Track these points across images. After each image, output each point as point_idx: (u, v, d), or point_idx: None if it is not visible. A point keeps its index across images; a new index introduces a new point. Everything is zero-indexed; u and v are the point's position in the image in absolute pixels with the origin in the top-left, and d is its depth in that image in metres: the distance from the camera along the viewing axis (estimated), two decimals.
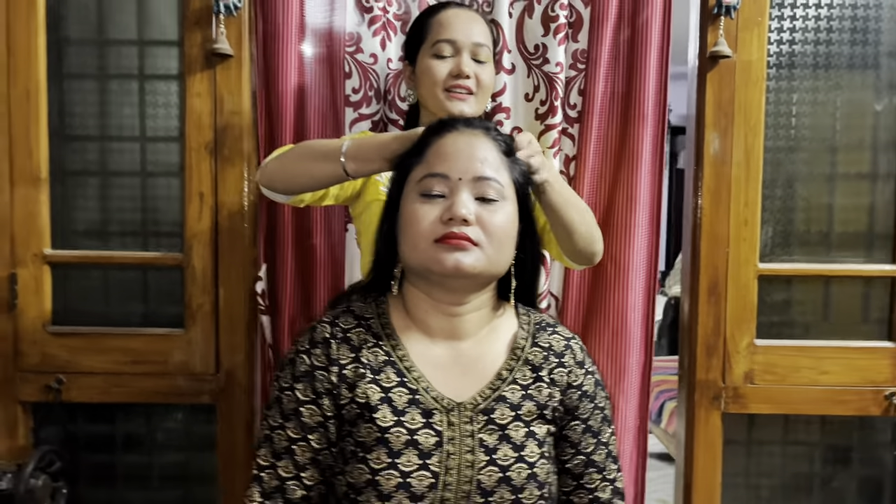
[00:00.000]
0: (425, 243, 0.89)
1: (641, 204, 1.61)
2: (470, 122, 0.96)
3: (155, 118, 1.64)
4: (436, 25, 1.35)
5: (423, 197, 0.91)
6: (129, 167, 1.65)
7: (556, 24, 1.57)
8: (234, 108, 1.61)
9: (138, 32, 1.63)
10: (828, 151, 1.66)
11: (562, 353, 0.97)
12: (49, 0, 1.60)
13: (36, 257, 1.62)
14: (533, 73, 1.61)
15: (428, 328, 0.95)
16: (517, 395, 0.93)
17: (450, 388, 0.93)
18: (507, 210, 0.92)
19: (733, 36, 1.60)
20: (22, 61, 1.59)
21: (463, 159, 0.91)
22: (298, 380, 0.92)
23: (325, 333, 0.94)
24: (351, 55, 1.60)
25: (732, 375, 1.65)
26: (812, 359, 1.66)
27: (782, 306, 1.69)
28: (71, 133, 1.64)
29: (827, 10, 1.63)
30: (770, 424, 1.73)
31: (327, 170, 1.12)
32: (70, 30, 1.62)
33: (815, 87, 1.65)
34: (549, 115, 1.59)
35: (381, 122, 1.64)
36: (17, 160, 1.61)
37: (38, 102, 1.60)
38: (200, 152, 1.61)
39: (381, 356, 0.93)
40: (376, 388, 0.91)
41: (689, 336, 1.69)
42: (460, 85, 1.32)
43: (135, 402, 1.66)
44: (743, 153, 1.63)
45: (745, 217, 1.64)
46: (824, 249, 1.69)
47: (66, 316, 1.65)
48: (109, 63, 1.63)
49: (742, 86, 1.62)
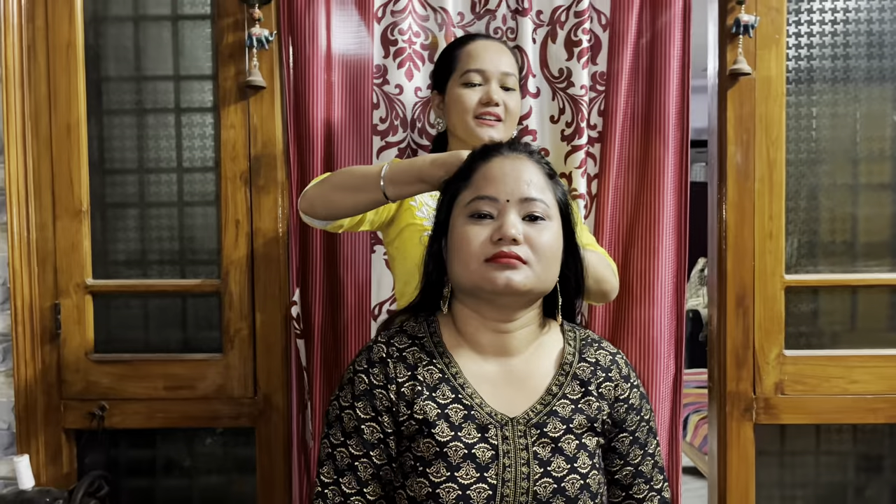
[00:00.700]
0: (476, 263, 0.93)
1: (666, 220, 1.63)
2: (514, 146, 1.00)
3: (191, 149, 1.69)
4: (465, 56, 1.40)
5: (472, 218, 0.95)
6: (167, 197, 1.70)
7: (580, 49, 1.62)
8: (267, 137, 1.66)
9: (174, 68, 1.68)
10: (850, 163, 1.70)
11: (608, 368, 1.00)
12: (88, 40, 1.66)
13: (78, 287, 1.67)
14: (558, 96, 1.66)
15: (479, 345, 0.98)
16: (567, 409, 0.96)
17: (502, 403, 0.96)
18: (552, 229, 0.95)
19: (752, 53, 1.65)
20: (63, 99, 1.65)
21: (510, 182, 0.95)
22: (358, 398, 0.95)
23: (382, 353, 0.97)
24: (378, 86, 1.65)
25: (763, 386, 1.67)
26: (841, 368, 1.68)
27: (810, 317, 1.72)
28: (110, 166, 1.69)
29: (843, 26, 1.67)
30: (801, 435, 1.74)
31: (368, 194, 1.17)
32: (109, 68, 1.68)
33: (835, 100, 1.68)
34: (576, 136, 1.63)
35: (407, 148, 1.68)
36: (59, 194, 1.66)
37: (79, 138, 1.66)
38: (236, 181, 1.66)
39: (435, 374, 0.96)
40: (433, 404, 0.94)
41: (718, 348, 1.71)
42: (490, 112, 1.37)
43: (175, 427, 1.70)
44: (766, 167, 1.66)
45: (769, 230, 1.67)
46: (849, 259, 1.71)
47: (108, 344, 1.69)
48: (146, 98, 1.69)
49: (762, 101, 1.66)
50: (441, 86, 1.44)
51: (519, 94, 1.43)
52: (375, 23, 1.65)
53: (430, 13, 1.67)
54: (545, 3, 1.66)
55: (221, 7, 1.65)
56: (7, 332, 1.65)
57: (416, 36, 1.66)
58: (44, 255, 1.66)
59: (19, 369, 1.64)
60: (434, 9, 1.66)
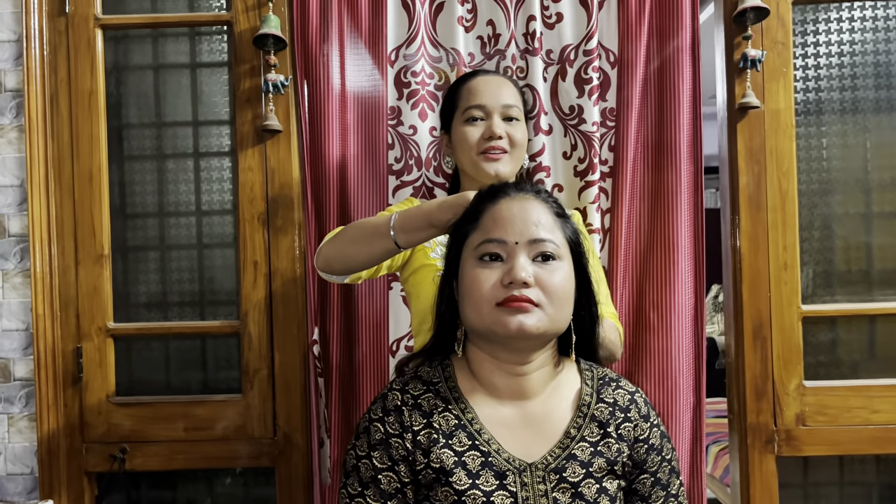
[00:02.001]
0: (488, 307, 0.93)
1: (681, 250, 1.63)
2: (520, 187, 1.00)
3: (210, 192, 1.72)
4: (465, 93, 1.42)
5: (482, 261, 0.95)
6: (186, 240, 1.73)
7: (590, 86, 1.64)
8: (284, 179, 1.69)
9: (192, 114, 1.72)
10: (862, 192, 1.70)
11: (627, 408, 1.00)
12: (109, 88, 1.71)
13: (100, 330, 1.69)
14: (570, 133, 1.68)
15: (494, 389, 0.99)
16: (587, 452, 0.96)
17: (520, 448, 0.95)
18: (563, 269, 0.95)
19: (760, 86, 1.66)
20: (85, 146, 1.69)
21: (518, 223, 0.95)
22: (374, 448, 0.96)
23: (397, 401, 0.97)
24: (392, 127, 1.68)
25: (784, 418, 1.66)
26: (863, 398, 1.66)
27: (828, 346, 1.71)
28: (131, 211, 1.73)
29: (850, 58, 1.68)
30: (824, 466, 1.72)
31: (380, 246, 1.17)
32: (129, 115, 1.73)
33: (844, 131, 1.69)
34: (589, 172, 1.65)
35: (422, 187, 1.70)
36: (81, 239, 1.69)
37: (101, 183, 1.70)
38: (254, 223, 1.69)
39: (451, 420, 0.96)
40: (450, 452, 0.94)
41: (736, 380, 1.70)
42: (493, 146, 1.38)
43: (196, 468, 1.71)
44: (778, 198, 1.67)
45: (784, 260, 1.67)
46: (865, 288, 1.71)
47: (129, 386, 1.71)
48: (166, 143, 1.73)
49: (772, 133, 1.67)
50: (447, 125, 1.47)
51: (524, 124, 1.43)
52: (389, 66, 1.68)
53: (442, 54, 1.70)
54: (554, 43, 1.68)
55: (238, 54, 1.69)
56: (30, 376, 1.68)
57: (430, 77, 1.70)
58: (66, 299, 1.69)
59: (42, 414, 1.66)
60: (446, 49, 1.70)
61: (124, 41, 1.73)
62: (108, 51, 1.71)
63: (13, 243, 1.68)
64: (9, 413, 1.68)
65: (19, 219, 1.68)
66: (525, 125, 1.45)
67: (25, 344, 1.68)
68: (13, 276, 1.68)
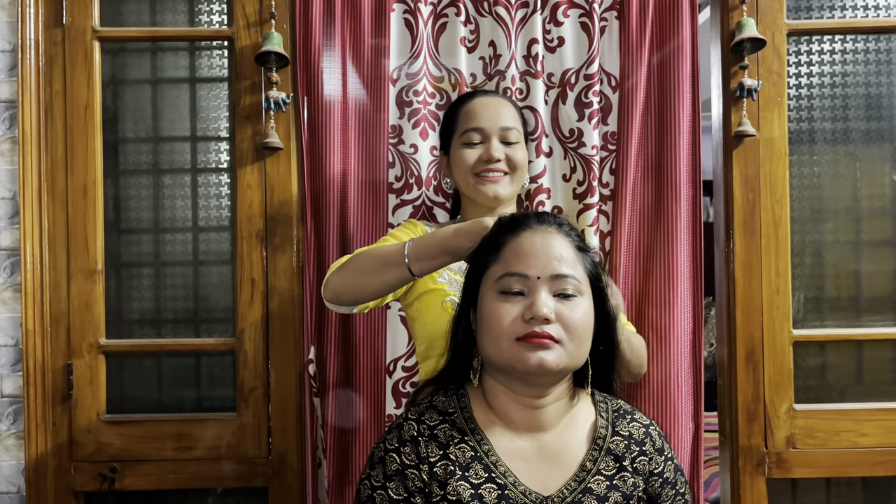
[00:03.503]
0: (507, 342, 0.93)
1: (680, 273, 1.65)
2: (542, 218, 1.00)
3: (207, 209, 1.71)
4: (464, 115, 1.42)
5: (502, 295, 0.95)
6: (182, 257, 1.71)
7: (590, 110, 1.66)
8: (283, 197, 1.68)
9: (191, 129, 1.71)
10: (852, 220, 1.74)
11: (642, 441, 1.01)
12: (106, 102, 1.68)
13: (91, 347, 1.66)
14: (569, 156, 1.69)
15: (510, 421, 0.99)
16: (602, 486, 0.97)
17: (536, 481, 0.96)
18: (584, 305, 0.96)
19: (755, 115, 1.70)
20: (79, 160, 1.66)
21: (541, 258, 0.95)
22: (390, 478, 0.95)
23: (413, 431, 0.97)
24: (393, 146, 1.68)
25: (774, 440, 1.69)
26: (851, 421, 1.70)
27: (818, 371, 1.74)
28: (126, 226, 1.70)
29: (842, 89, 1.73)
30: (813, 488, 1.76)
31: (394, 275, 1.16)
32: (126, 129, 1.70)
33: (835, 160, 1.74)
34: (588, 195, 1.66)
35: (422, 206, 1.70)
36: (74, 254, 1.66)
37: (95, 198, 1.67)
38: (252, 240, 1.67)
39: (468, 452, 0.96)
40: (466, 484, 0.94)
41: (729, 403, 1.73)
42: (491, 169, 1.38)
43: (188, 488, 1.68)
44: (771, 224, 1.70)
45: (776, 285, 1.70)
46: (854, 314, 1.75)
47: (121, 404, 1.68)
48: (163, 158, 1.71)
49: (766, 161, 1.70)
50: (446, 146, 1.47)
51: (523, 146, 1.43)
52: (391, 85, 1.68)
53: (444, 74, 1.71)
54: (556, 66, 1.70)
55: (239, 70, 1.68)
56: (18, 393, 1.64)
57: (431, 97, 1.70)
58: (57, 315, 1.66)
59: (30, 432, 1.62)
60: (448, 69, 1.70)
61: (122, 54, 1.71)
62: (106, 63, 1.68)
63: (3, 257, 1.64)
64: None
65: (10, 232, 1.64)
66: (525, 146, 1.45)
67: (14, 360, 1.64)
68: (3, 291, 1.64)
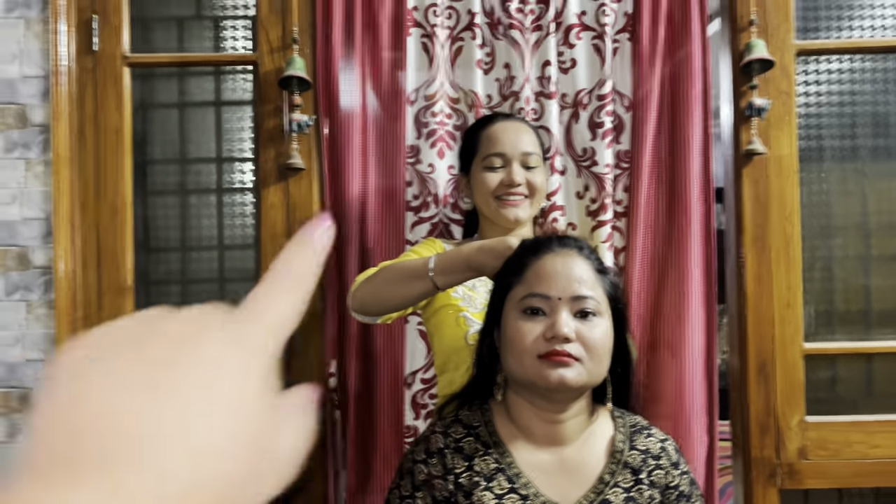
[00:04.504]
0: (530, 359, 0.98)
1: (694, 289, 1.69)
2: (563, 242, 1.06)
3: (232, 227, 1.76)
4: (485, 140, 1.46)
5: (525, 314, 1.01)
6: (208, 274, 1.76)
7: (603, 130, 1.71)
8: (305, 216, 1.73)
9: (216, 150, 1.77)
10: (861, 236, 1.78)
11: (658, 455, 1.06)
12: (135, 125, 1.75)
13: None
14: (583, 174, 1.74)
15: (532, 435, 1.04)
16: (620, 497, 1.01)
17: (556, 492, 1.01)
18: (603, 325, 1.01)
19: (766, 133, 1.74)
20: (111, 181, 1.73)
21: (562, 280, 1.01)
22: (419, 488, 1.00)
23: (440, 444, 1.02)
24: (411, 165, 1.74)
25: (787, 452, 1.72)
26: (862, 433, 1.73)
27: (828, 383, 1.78)
28: (154, 245, 1.76)
29: (851, 108, 1.77)
30: (825, 499, 1.79)
31: (418, 287, 1.21)
32: (154, 151, 1.76)
33: (844, 177, 1.78)
34: (601, 212, 1.71)
35: (439, 223, 1.75)
36: (105, 271, 1.72)
37: (125, 218, 1.73)
38: (276, 258, 1.72)
39: (491, 464, 1.01)
40: (490, 494, 0.99)
41: (741, 415, 1.76)
42: (512, 192, 1.43)
43: None
44: (782, 240, 1.74)
45: (787, 299, 1.74)
46: (864, 328, 1.78)
47: None
48: (189, 179, 1.77)
49: (776, 178, 1.75)
50: (466, 167, 1.51)
51: (543, 170, 1.48)
52: (408, 106, 1.74)
53: (460, 95, 1.76)
54: (569, 87, 1.75)
55: (263, 94, 1.74)
56: None
57: (448, 118, 1.75)
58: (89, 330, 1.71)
59: None
60: (465, 91, 1.76)
61: (150, 79, 1.77)
62: (135, 88, 1.75)
63: (38, 275, 1.70)
64: None
65: (44, 251, 1.70)
66: (544, 169, 1.50)
67: None
68: (37, 308, 1.70)
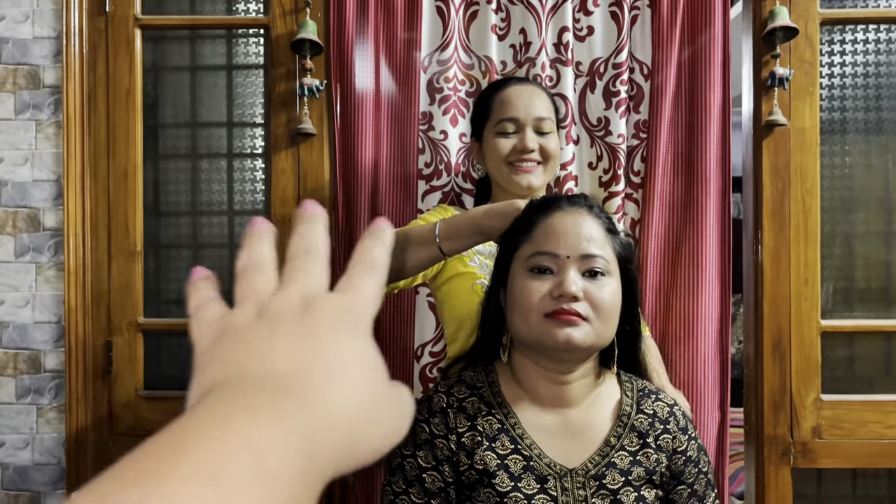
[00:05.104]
0: (536, 318, 0.96)
1: (709, 263, 1.66)
2: (574, 200, 1.03)
3: (242, 193, 1.75)
4: (498, 104, 1.42)
5: (532, 273, 0.98)
6: (218, 239, 1.75)
7: (618, 99, 1.67)
8: (316, 182, 1.72)
9: (227, 115, 1.75)
10: (883, 211, 1.73)
11: (666, 420, 1.03)
12: (146, 88, 1.74)
13: (130, 325, 1.72)
14: (596, 144, 1.71)
15: (537, 396, 1.02)
16: (626, 461, 0.99)
17: (560, 454, 0.98)
18: (612, 285, 0.98)
19: (786, 104, 1.69)
20: (121, 144, 1.72)
21: (571, 238, 0.98)
22: (420, 447, 0.99)
23: (443, 403, 1.01)
24: (423, 132, 1.71)
25: (800, 431, 1.69)
26: (878, 413, 1.69)
27: (845, 361, 1.74)
28: (165, 209, 1.75)
29: (875, 79, 1.72)
30: (838, 478, 1.75)
31: (425, 254, 1.18)
32: (165, 115, 1.75)
33: (868, 150, 1.73)
34: (613, 183, 1.68)
35: (451, 192, 1.73)
36: (114, 235, 1.72)
37: (136, 181, 1.72)
38: (285, 224, 1.71)
39: (495, 424, 0.99)
40: (493, 454, 0.97)
41: (755, 392, 1.73)
42: (525, 159, 1.39)
43: None
44: (801, 215, 1.70)
45: (805, 276, 1.70)
46: (884, 306, 1.74)
47: (158, 381, 1.74)
48: (200, 144, 1.75)
49: (797, 151, 1.70)
50: (478, 133, 1.48)
51: (556, 135, 1.44)
52: (422, 72, 1.71)
53: (474, 61, 1.73)
54: (584, 55, 1.71)
55: (274, 58, 1.72)
56: (60, 368, 1.70)
57: (462, 84, 1.72)
58: (98, 294, 1.72)
59: (71, 406, 1.69)
60: (479, 57, 1.72)
61: (162, 41, 1.76)
62: (147, 50, 1.74)
63: (48, 237, 1.70)
64: (38, 404, 1.71)
65: (54, 213, 1.70)
66: (557, 135, 1.47)
67: (57, 336, 1.71)
68: (47, 270, 1.70)
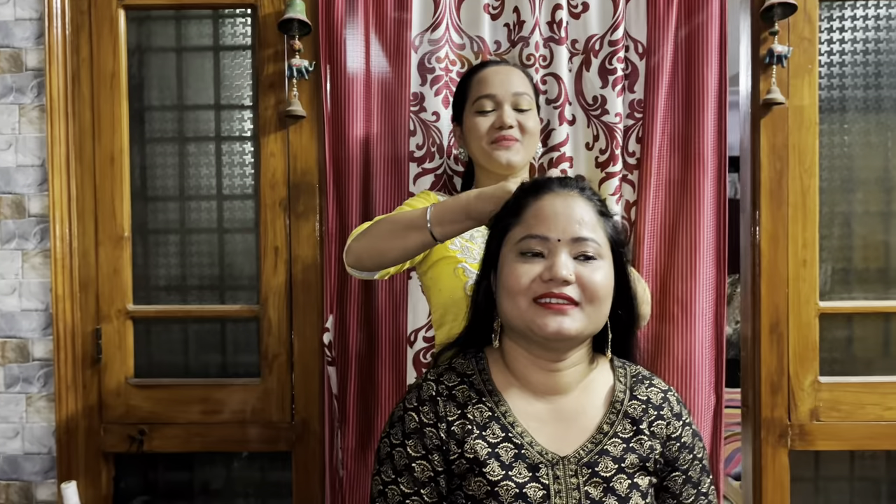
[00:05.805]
0: (526, 302, 0.94)
1: (705, 244, 1.63)
2: (565, 183, 1.00)
3: (231, 177, 1.72)
4: (475, 84, 1.41)
5: (522, 256, 0.95)
6: (207, 224, 1.72)
7: (614, 77, 1.64)
8: (306, 165, 1.69)
9: (215, 97, 1.71)
10: (882, 191, 1.70)
11: (660, 406, 1.01)
12: (131, 70, 1.70)
13: (119, 312, 1.70)
14: (592, 124, 1.67)
15: (528, 383, 0.99)
16: (619, 448, 0.97)
17: (552, 442, 0.96)
18: (604, 268, 0.96)
19: (785, 83, 1.66)
20: (106, 128, 1.68)
21: (561, 220, 0.95)
22: (409, 436, 0.96)
23: (432, 391, 0.98)
24: (415, 114, 1.68)
25: (798, 413, 1.68)
26: (877, 395, 1.68)
27: (844, 343, 1.72)
28: (152, 194, 1.72)
29: (875, 56, 1.68)
30: (835, 461, 1.74)
31: (416, 239, 1.16)
32: (151, 97, 1.72)
33: (867, 129, 1.69)
34: (610, 164, 1.65)
35: (443, 175, 1.70)
36: (101, 220, 1.69)
37: (122, 165, 1.69)
38: (275, 209, 1.69)
39: (485, 412, 0.97)
40: (483, 443, 0.95)
41: (752, 374, 1.71)
42: (504, 136, 1.37)
43: (213, 451, 1.72)
44: (799, 195, 1.67)
45: (803, 257, 1.67)
46: (883, 287, 1.71)
47: (148, 369, 1.72)
48: (188, 127, 1.72)
49: (795, 130, 1.67)
50: (459, 117, 1.46)
51: (535, 112, 1.43)
52: (413, 52, 1.67)
53: (466, 41, 1.69)
54: (580, 32, 1.68)
55: (262, 38, 1.68)
56: (49, 356, 1.68)
57: (453, 64, 1.69)
58: (86, 280, 1.69)
59: (60, 394, 1.67)
60: (471, 37, 1.69)
61: (147, 22, 1.72)
62: (131, 32, 1.70)
63: (33, 223, 1.67)
64: (27, 393, 1.69)
65: (39, 199, 1.67)
66: (537, 113, 1.45)
67: (44, 324, 1.68)
68: (33, 257, 1.68)
